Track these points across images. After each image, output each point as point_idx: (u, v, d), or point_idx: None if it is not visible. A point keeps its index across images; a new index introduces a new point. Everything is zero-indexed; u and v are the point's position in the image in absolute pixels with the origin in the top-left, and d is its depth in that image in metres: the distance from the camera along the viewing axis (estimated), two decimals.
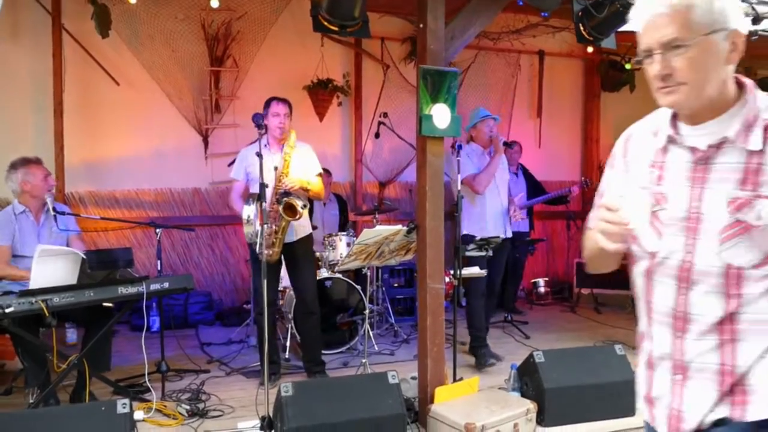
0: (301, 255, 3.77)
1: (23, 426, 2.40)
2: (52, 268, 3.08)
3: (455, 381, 3.35)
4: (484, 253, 3.95)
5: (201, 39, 5.40)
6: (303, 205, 3.49)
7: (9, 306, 2.79)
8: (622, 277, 1.85)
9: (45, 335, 3.25)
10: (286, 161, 3.60)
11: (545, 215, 6.66)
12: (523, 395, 3.25)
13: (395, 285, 5.45)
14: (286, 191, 3.51)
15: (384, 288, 5.15)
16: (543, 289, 6.35)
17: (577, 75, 7.10)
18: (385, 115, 5.74)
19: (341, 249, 4.46)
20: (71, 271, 3.18)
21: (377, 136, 5.80)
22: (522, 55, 6.64)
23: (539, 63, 6.76)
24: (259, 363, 3.78)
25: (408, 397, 3.14)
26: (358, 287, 4.42)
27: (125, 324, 4.93)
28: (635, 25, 1.17)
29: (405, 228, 3.28)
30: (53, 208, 3.41)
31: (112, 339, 3.58)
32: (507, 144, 4.27)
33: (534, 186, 5.80)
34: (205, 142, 5.51)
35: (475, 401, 3.07)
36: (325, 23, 3.03)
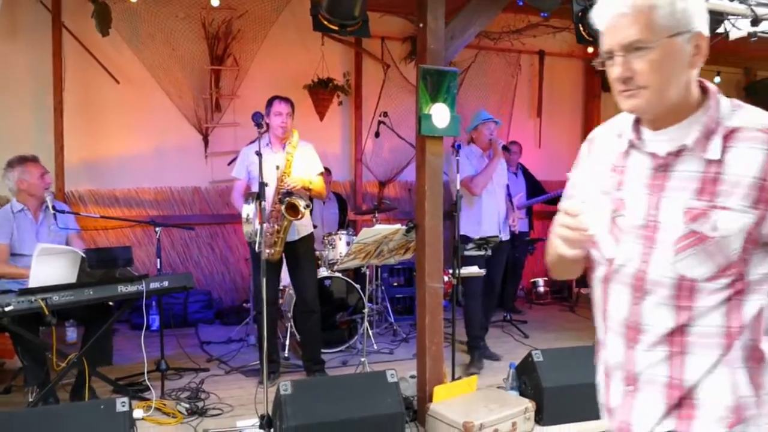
0: (303, 254, 3.77)
1: (22, 425, 2.41)
2: (51, 266, 3.08)
3: (454, 380, 3.36)
4: (483, 253, 3.96)
5: (201, 38, 5.39)
6: (305, 205, 3.50)
7: (8, 304, 2.80)
8: None
9: (45, 334, 3.25)
10: (288, 161, 3.61)
11: (545, 215, 6.65)
12: (522, 394, 3.25)
13: (394, 284, 5.46)
14: (288, 191, 3.51)
15: (383, 287, 5.16)
16: (542, 289, 6.35)
17: (578, 75, 7.09)
18: (385, 115, 5.74)
19: (341, 248, 4.47)
20: (71, 270, 3.18)
21: (377, 135, 5.80)
22: (522, 55, 6.64)
23: (539, 63, 6.76)
24: (259, 362, 3.79)
25: (407, 396, 3.14)
26: (357, 286, 4.42)
27: (125, 323, 4.94)
28: (597, 26, 1.13)
29: (404, 227, 3.29)
30: (53, 206, 3.41)
31: (112, 336, 3.59)
32: (506, 148, 4.29)
33: (534, 186, 5.80)
34: (205, 140, 5.51)
35: (474, 400, 3.08)
36: (325, 22, 3.03)
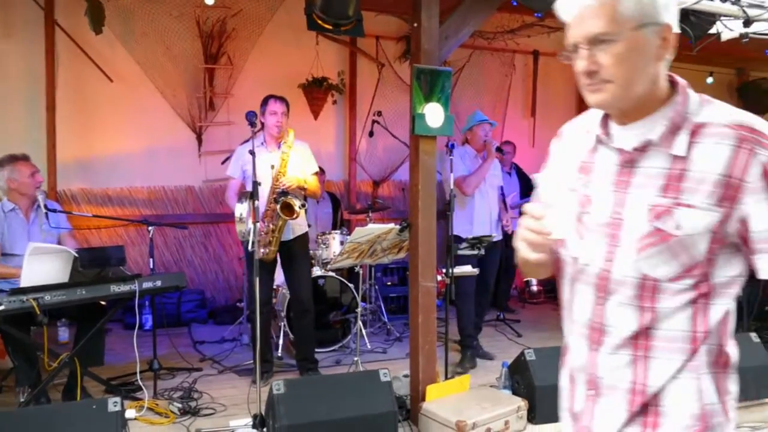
0: (298, 253, 3.78)
1: (14, 425, 2.40)
2: (43, 265, 3.06)
3: (447, 379, 3.36)
4: (476, 252, 3.97)
5: (195, 36, 5.37)
6: (301, 205, 3.50)
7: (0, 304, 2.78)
8: None
9: (36, 334, 3.23)
10: (283, 160, 3.60)
11: None
12: (515, 393, 3.26)
13: (388, 283, 5.46)
14: (283, 190, 3.51)
15: (377, 286, 5.16)
16: (536, 288, 6.36)
17: (572, 75, 6.69)
18: (380, 114, 5.74)
19: (334, 247, 4.47)
20: (63, 269, 3.17)
21: (371, 134, 5.80)
22: (516, 55, 6.65)
23: (534, 63, 6.77)
24: (252, 361, 3.78)
25: (400, 395, 3.15)
26: (351, 285, 4.42)
27: (118, 322, 4.92)
28: (563, 18, 1.10)
29: (397, 227, 3.29)
30: (45, 205, 3.40)
31: (104, 336, 3.57)
32: (499, 150, 4.30)
33: (527, 185, 5.81)
34: (199, 139, 5.49)
35: (467, 399, 3.09)
36: (320, 22, 3.03)
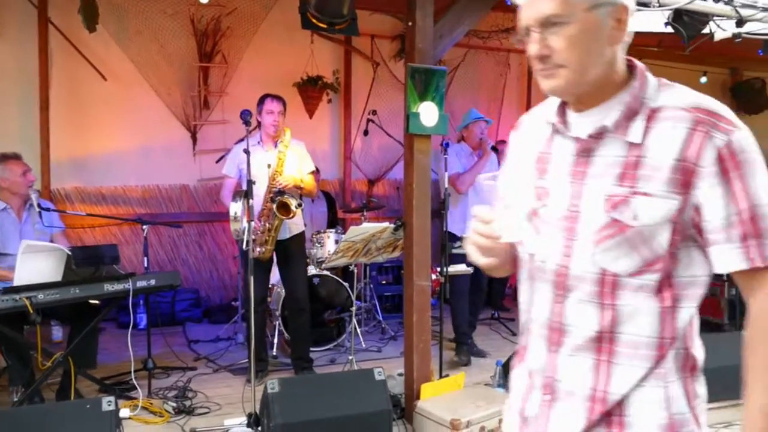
0: (294, 252, 3.77)
1: (7, 425, 2.39)
2: (36, 264, 3.05)
3: (441, 377, 3.37)
4: None
5: (190, 34, 5.36)
6: (297, 204, 3.50)
7: None
8: None
9: (29, 333, 3.22)
10: (280, 159, 3.60)
11: None
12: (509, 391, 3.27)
13: (383, 282, 5.46)
14: (280, 190, 3.51)
15: (372, 285, 5.16)
16: None
17: None
18: (375, 113, 5.74)
19: (329, 246, 4.46)
20: (56, 268, 3.15)
21: (366, 133, 5.80)
22: (511, 54, 6.65)
23: (528, 62, 6.78)
24: (247, 360, 3.78)
25: (394, 394, 3.16)
26: (345, 284, 4.42)
27: (112, 321, 4.90)
28: (516, 0, 1.06)
29: (392, 225, 3.29)
30: (38, 204, 3.38)
31: (98, 336, 3.56)
32: (494, 148, 4.31)
33: None
34: (194, 138, 5.48)
35: (461, 397, 3.10)
36: (314, 20, 3.02)
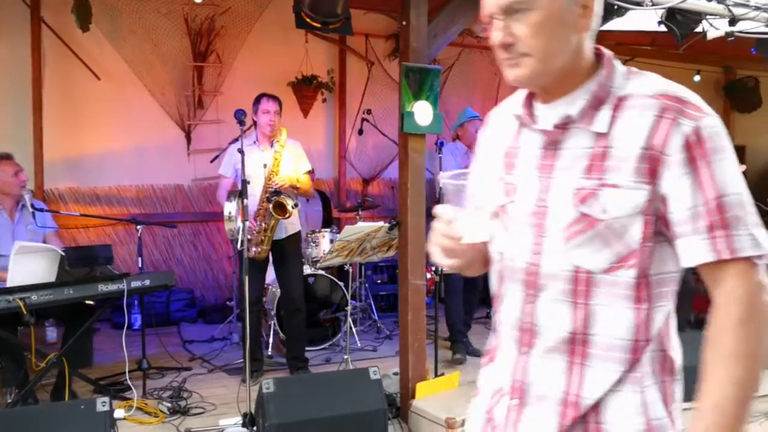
0: (290, 252, 3.77)
1: (1, 426, 2.38)
2: (29, 265, 3.04)
3: (437, 376, 3.38)
4: None
5: (184, 34, 5.34)
6: (293, 204, 3.50)
7: None
8: None
9: (23, 334, 3.21)
10: (276, 159, 3.60)
11: None
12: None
13: (378, 281, 5.47)
14: (276, 190, 3.51)
15: (367, 284, 5.17)
16: None
17: None
18: (369, 112, 5.73)
19: (324, 245, 4.46)
20: (50, 269, 3.14)
21: (360, 132, 5.80)
22: None
23: None
24: (242, 360, 3.78)
25: (390, 393, 3.16)
26: (341, 284, 4.42)
27: (106, 322, 4.88)
28: None
29: (387, 225, 3.30)
30: (31, 204, 3.37)
31: (93, 336, 3.55)
32: None
33: None
34: (188, 138, 5.46)
35: (456, 396, 3.10)
36: (308, 20, 3.03)
